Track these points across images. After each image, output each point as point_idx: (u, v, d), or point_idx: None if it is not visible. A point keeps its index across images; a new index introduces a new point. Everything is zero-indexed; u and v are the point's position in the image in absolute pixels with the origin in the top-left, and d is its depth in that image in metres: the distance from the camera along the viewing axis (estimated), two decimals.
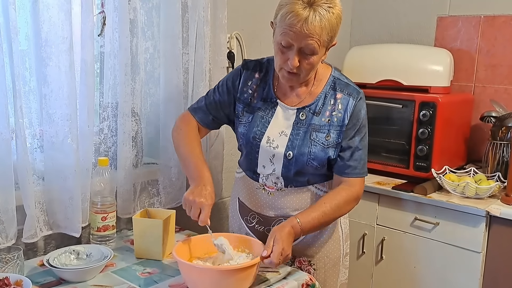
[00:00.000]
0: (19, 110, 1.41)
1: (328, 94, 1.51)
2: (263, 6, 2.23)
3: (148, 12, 1.80)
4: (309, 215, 1.42)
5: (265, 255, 1.30)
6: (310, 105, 1.51)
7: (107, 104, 1.72)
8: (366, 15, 2.74)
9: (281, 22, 1.36)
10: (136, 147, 1.79)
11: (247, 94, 1.56)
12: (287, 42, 1.37)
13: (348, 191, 1.49)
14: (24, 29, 1.48)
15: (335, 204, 1.45)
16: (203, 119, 1.62)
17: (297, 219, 1.40)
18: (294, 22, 1.32)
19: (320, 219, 1.43)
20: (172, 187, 1.90)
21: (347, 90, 1.51)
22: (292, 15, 1.32)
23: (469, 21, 2.41)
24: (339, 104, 1.50)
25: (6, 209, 1.44)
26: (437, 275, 2.04)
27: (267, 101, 1.54)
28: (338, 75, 1.54)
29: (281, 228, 1.37)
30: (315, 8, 1.32)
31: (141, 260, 1.52)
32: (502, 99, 2.32)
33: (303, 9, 1.32)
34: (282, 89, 1.54)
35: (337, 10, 1.36)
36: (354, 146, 1.50)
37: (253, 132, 1.53)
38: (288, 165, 1.50)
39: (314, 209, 1.44)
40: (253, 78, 1.57)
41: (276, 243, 1.32)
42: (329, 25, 1.35)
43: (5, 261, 1.29)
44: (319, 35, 1.34)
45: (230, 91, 1.58)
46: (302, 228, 1.39)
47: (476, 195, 1.99)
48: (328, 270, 1.62)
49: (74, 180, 1.55)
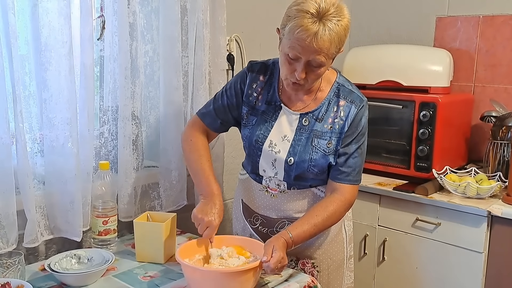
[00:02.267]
0: (19, 114, 1.41)
1: (332, 101, 1.51)
2: (262, 9, 2.24)
3: (147, 16, 1.80)
4: (301, 228, 1.43)
5: (265, 260, 1.31)
6: (314, 111, 1.50)
7: (107, 108, 1.72)
8: (365, 15, 2.74)
9: (290, 34, 1.33)
10: (136, 150, 1.79)
11: (252, 97, 1.56)
12: (295, 55, 1.35)
13: (339, 201, 1.49)
14: (24, 33, 1.48)
15: (326, 216, 1.45)
16: (212, 124, 1.62)
17: (289, 233, 1.40)
18: (303, 37, 1.30)
19: (311, 232, 1.44)
20: (172, 190, 1.90)
21: (350, 98, 1.50)
22: (301, 29, 1.30)
23: (468, 21, 2.41)
24: (342, 111, 1.49)
25: (7, 213, 1.44)
26: (439, 276, 2.04)
27: (271, 104, 1.54)
28: (343, 81, 1.54)
29: (277, 239, 1.38)
30: (325, 22, 1.30)
31: (142, 263, 1.52)
32: (502, 98, 2.32)
33: (312, 24, 1.29)
34: (287, 93, 1.53)
35: (345, 21, 1.34)
36: (349, 153, 1.49)
37: (256, 135, 1.53)
38: (289, 170, 1.51)
39: (306, 221, 1.44)
40: (258, 80, 1.56)
41: (276, 250, 1.33)
42: (338, 38, 1.33)
43: (6, 266, 1.29)
44: (328, 49, 1.33)
45: (238, 93, 1.58)
46: (294, 241, 1.41)
47: (477, 195, 1.98)
48: (331, 272, 1.61)
49: (75, 184, 1.55)
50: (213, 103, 1.63)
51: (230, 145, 2.14)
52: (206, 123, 1.62)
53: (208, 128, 1.62)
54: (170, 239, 1.56)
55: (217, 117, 1.61)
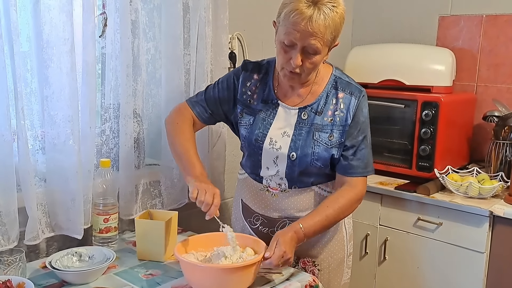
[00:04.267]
0: (21, 111, 1.41)
1: (329, 93, 1.51)
2: (264, 7, 2.23)
3: (149, 13, 1.79)
4: (312, 219, 1.42)
5: (267, 256, 1.31)
6: (312, 105, 1.50)
7: (109, 106, 1.72)
8: (367, 14, 2.73)
9: (285, 20, 1.35)
10: (138, 148, 1.78)
11: (246, 95, 1.56)
12: (290, 41, 1.36)
13: (350, 192, 1.49)
14: (26, 30, 1.48)
15: (338, 207, 1.45)
16: (201, 114, 1.61)
17: (300, 224, 1.40)
18: (298, 21, 1.32)
19: (323, 223, 1.44)
20: (174, 188, 1.90)
21: (348, 89, 1.50)
22: (296, 13, 1.32)
23: (471, 20, 2.41)
24: (341, 103, 1.49)
25: (8, 211, 1.44)
26: (440, 276, 2.04)
27: (268, 102, 1.54)
28: (339, 74, 1.54)
29: (284, 233, 1.38)
30: (320, 6, 1.32)
31: (143, 261, 1.52)
32: (505, 98, 2.31)
33: (307, 8, 1.32)
34: (283, 90, 1.53)
35: (340, 9, 1.36)
36: (357, 145, 1.49)
37: (255, 134, 1.53)
38: (292, 166, 1.50)
39: (317, 213, 1.44)
40: (252, 79, 1.56)
41: (278, 245, 1.32)
42: (333, 24, 1.35)
43: (7, 264, 1.29)
44: (323, 34, 1.34)
45: (231, 88, 1.58)
46: (305, 233, 1.40)
47: (479, 195, 1.98)
48: (332, 270, 1.61)
49: (76, 181, 1.55)
50: (205, 93, 1.63)
51: (232, 143, 2.13)
52: (195, 112, 1.61)
53: (196, 117, 1.61)
54: (171, 237, 1.56)
55: (208, 107, 1.60)
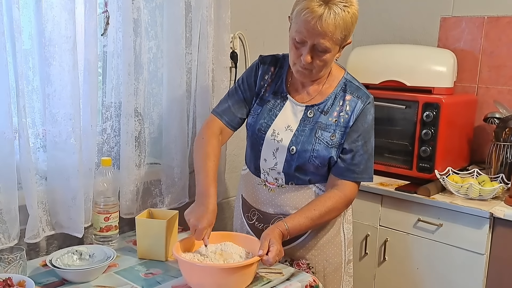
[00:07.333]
0: (22, 109, 1.41)
1: (338, 95, 1.52)
2: (266, 6, 2.23)
3: (151, 12, 1.79)
4: (298, 221, 1.43)
5: (260, 254, 1.31)
6: (319, 104, 1.51)
7: (110, 104, 1.72)
8: (369, 15, 2.73)
9: (297, 18, 1.38)
10: (139, 147, 1.78)
11: (262, 87, 1.58)
12: (301, 38, 1.39)
13: (338, 197, 1.49)
14: (28, 28, 1.48)
15: (324, 211, 1.46)
16: (230, 122, 1.60)
17: (285, 224, 1.41)
18: (308, 19, 1.34)
19: (308, 225, 1.45)
20: (174, 187, 1.90)
21: (357, 93, 1.51)
22: (307, 11, 1.34)
23: (473, 22, 2.40)
24: (347, 105, 1.50)
25: (9, 209, 1.44)
26: (440, 277, 2.04)
27: (278, 94, 1.55)
28: (350, 78, 1.55)
29: (272, 231, 1.39)
30: (331, 6, 1.33)
31: (144, 260, 1.52)
32: (506, 100, 2.31)
33: (318, 6, 1.33)
34: (295, 86, 1.55)
35: (353, 9, 1.37)
36: (355, 150, 1.49)
37: (259, 124, 1.54)
38: (290, 160, 1.50)
39: (302, 214, 1.45)
40: (269, 72, 1.58)
41: (272, 243, 1.34)
42: (344, 23, 1.36)
43: (7, 262, 1.29)
44: (332, 33, 1.35)
45: (252, 87, 1.59)
46: (289, 233, 1.42)
47: (479, 197, 1.98)
48: (327, 275, 1.60)
49: (77, 180, 1.54)
50: (228, 100, 1.61)
51: (232, 143, 2.13)
52: (224, 121, 1.59)
53: (226, 125, 1.59)
54: (172, 237, 1.56)
55: (236, 112, 1.60)
